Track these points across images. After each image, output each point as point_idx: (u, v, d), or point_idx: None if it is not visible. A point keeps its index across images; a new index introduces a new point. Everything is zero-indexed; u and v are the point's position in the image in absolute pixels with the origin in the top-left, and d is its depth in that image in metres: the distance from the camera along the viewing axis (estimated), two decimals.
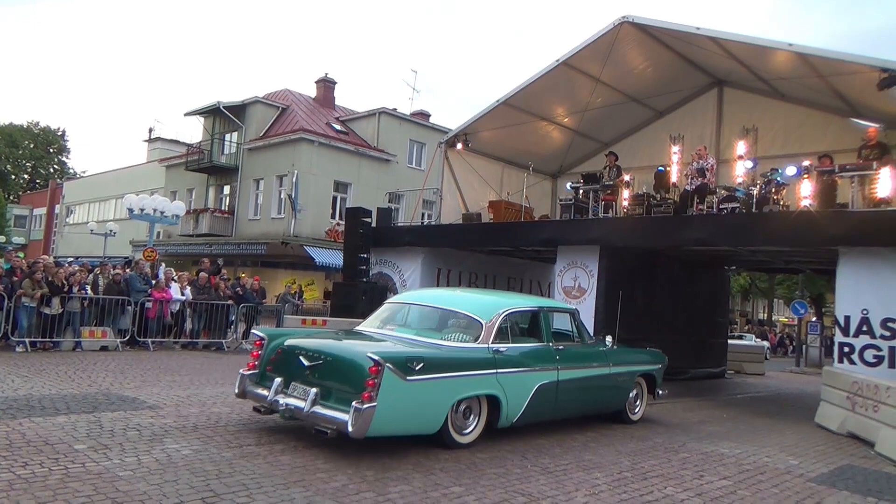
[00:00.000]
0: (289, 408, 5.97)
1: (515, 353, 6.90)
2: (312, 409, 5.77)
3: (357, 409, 5.43)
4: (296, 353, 6.32)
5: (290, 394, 6.10)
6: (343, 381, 5.90)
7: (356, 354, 6.01)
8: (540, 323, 7.48)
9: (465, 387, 6.31)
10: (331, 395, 5.85)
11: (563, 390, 7.31)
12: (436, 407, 6.06)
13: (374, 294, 16.33)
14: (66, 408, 6.95)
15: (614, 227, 13.39)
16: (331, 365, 6.07)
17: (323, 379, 6.00)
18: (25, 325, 11.72)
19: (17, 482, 4.48)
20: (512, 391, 6.68)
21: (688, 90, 16.80)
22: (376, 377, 5.49)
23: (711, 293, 17.42)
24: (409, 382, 5.72)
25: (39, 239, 50.15)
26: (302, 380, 6.10)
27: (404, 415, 5.87)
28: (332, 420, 5.66)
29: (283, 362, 6.47)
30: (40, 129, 64.80)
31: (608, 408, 8.39)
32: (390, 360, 5.62)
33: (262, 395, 6.32)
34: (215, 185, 32.86)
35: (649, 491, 5.50)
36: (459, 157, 17.59)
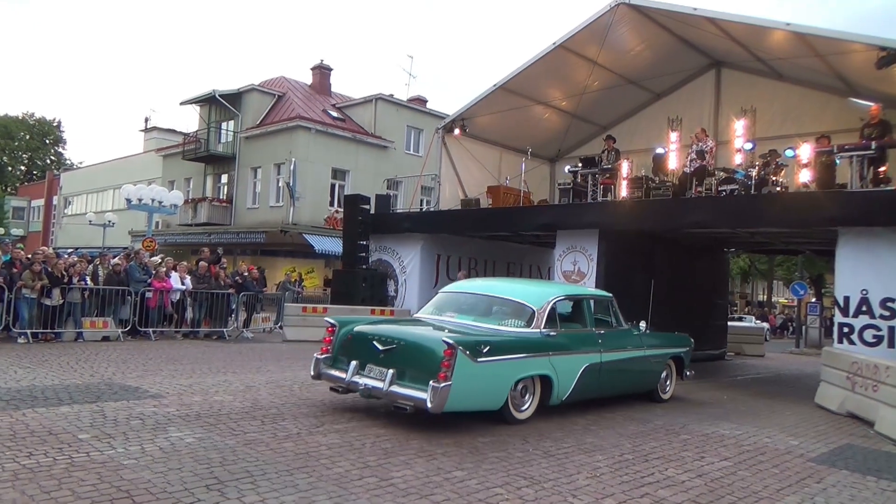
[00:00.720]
0: (367, 388, 6.63)
1: (564, 337, 7.55)
2: (390, 388, 6.44)
3: (434, 388, 6.06)
4: (369, 339, 6.96)
5: (367, 375, 6.76)
6: (418, 363, 6.49)
7: (429, 339, 6.65)
8: (583, 309, 8.18)
9: (523, 368, 6.96)
10: (405, 376, 6.49)
11: (606, 371, 7.94)
12: (499, 386, 6.71)
13: (373, 281, 16.39)
14: (69, 398, 6.98)
15: (613, 210, 13.39)
16: (404, 349, 6.70)
17: (397, 361, 6.61)
18: (26, 317, 11.73)
19: (22, 472, 4.50)
20: (562, 372, 7.33)
21: (685, 72, 16.72)
22: (450, 359, 6.12)
23: (711, 275, 17.44)
24: (478, 364, 6.37)
25: (38, 230, 50.06)
26: (377, 362, 6.73)
27: (473, 393, 6.48)
28: (410, 398, 6.28)
29: (355, 347, 7.11)
30: (35, 119, 64.43)
31: (643, 387, 9.01)
32: (462, 344, 6.26)
33: (339, 377, 7.01)
34: (213, 174, 32.75)
35: (650, 472, 5.54)
36: (457, 143, 17.54)
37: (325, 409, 7.18)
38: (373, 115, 30.39)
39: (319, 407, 7.31)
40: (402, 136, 30.95)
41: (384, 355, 6.71)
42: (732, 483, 5.42)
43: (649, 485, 5.20)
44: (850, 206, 10.16)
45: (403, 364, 6.58)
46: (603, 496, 4.83)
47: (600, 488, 5.01)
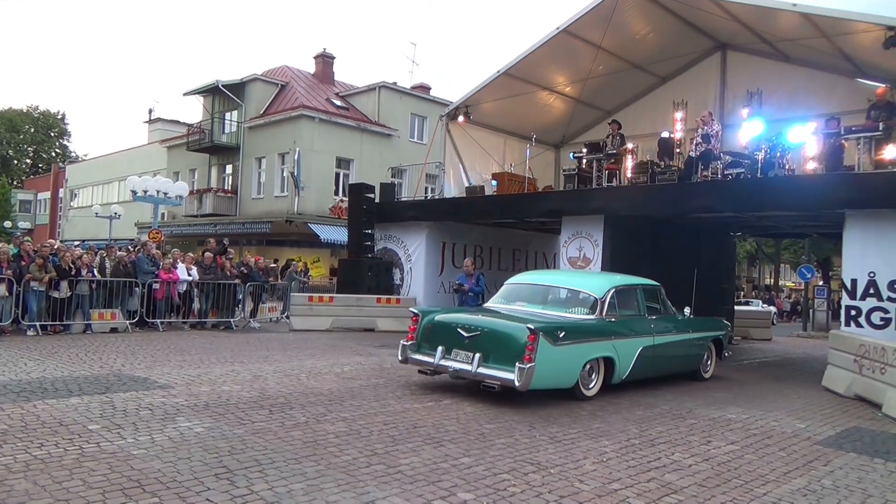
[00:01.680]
0: (455, 370, 7.48)
1: (622, 322, 8.32)
2: (478, 369, 7.23)
3: (521, 369, 6.87)
4: (453, 327, 7.77)
5: (454, 358, 7.57)
6: (502, 348, 7.24)
7: (512, 326, 7.42)
8: (636, 297, 8.85)
9: (591, 351, 7.76)
10: (490, 359, 7.27)
11: (657, 353, 8.71)
12: (572, 367, 7.53)
13: (379, 269, 16.41)
14: (78, 389, 7.04)
15: (618, 195, 13.34)
16: (489, 335, 7.45)
17: (482, 346, 7.38)
18: (35, 309, 11.83)
19: (34, 462, 4.55)
20: (622, 354, 8.11)
21: (690, 55, 16.58)
22: (533, 344, 6.91)
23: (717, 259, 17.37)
24: (556, 348, 7.19)
25: (45, 223, 50.30)
26: (462, 347, 7.54)
27: (551, 373, 7.25)
28: (497, 378, 7.11)
29: (439, 334, 7.91)
30: (40, 112, 64.54)
31: (688, 367, 9.78)
32: (543, 330, 7.04)
33: (426, 361, 7.85)
34: (217, 164, 32.77)
35: (657, 457, 5.56)
36: (461, 130, 17.47)
37: (331, 398, 7.22)
38: (376, 104, 30.30)
39: (327, 395, 7.35)
40: (406, 124, 30.86)
41: (469, 341, 7.50)
42: (739, 467, 5.43)
43: (656, 469, 5.22)
44: (858, 189, 10.08)
45: (488, 348, 7.34)
46: (610, 481, 4.85)
47: (607, 473, 5.03)
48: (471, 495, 4.38)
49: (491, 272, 17.29)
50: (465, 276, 11.99)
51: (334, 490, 4.33)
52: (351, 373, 9.05)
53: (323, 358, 10.42)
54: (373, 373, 9.14)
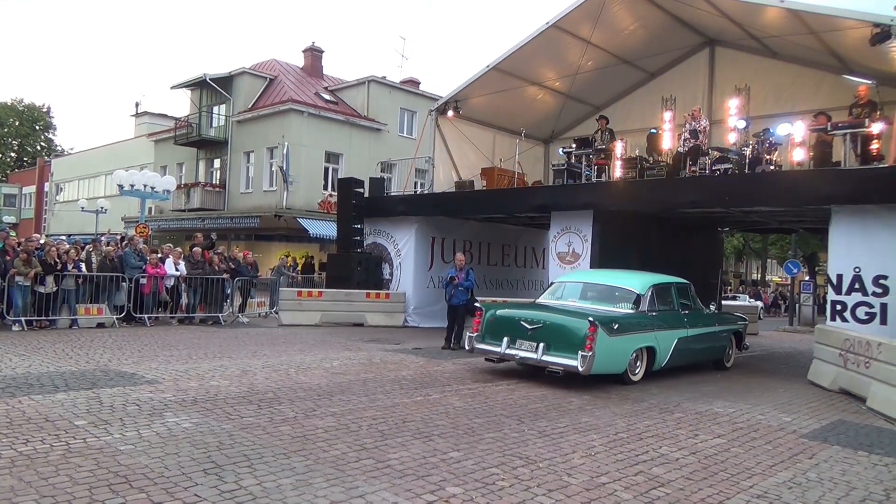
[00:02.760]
0: (521, 357, 8.56)
1: (662, 316, 9.31)
2: (542, 357, 8.23)
3: (584, 356, 7.89)
4: (516, 320, 8.74)
5: (519, 348, 8.57)
6: (564, 338, 8.23)
7: (572, 320, 8.42)
8: (671, 293, 9.80)
9: (638, 341, 8.73)
10: (552, 348, 8.25)
11: (690, 344, 9.67)
12: (623, 355, 8.49)
13: (368, 264, 16.38)
14: (64, 385, 6.98)
15: (607, 191, 13.38)
16: (551, 327, 8.43)
17: (545, 337, 8.36)
18: (20, 304, 11.70)
19: (20, 459, 4.52)
20: (662, 344, 9.09)
21: (679, 50, 16.62)
22: (594, 334, 7.88)
23: (705, 254, 17.48)
24: (611, 338, 8.16)
25: (31, 217, 49.78)
26: (526, 338, 8.51)
27: (607, 360, 8.16)
28: (561, 364, 8.10)
29: (502, 326, 8.87)
30: (24, 106, 63.65)
31: (714, 356, 10.77)
32: (601, 323, 8.04)
33: (493, 350, 8.87)
34: (205, 158, 32.54)
35: (644, 451, 5.59)
36: (451, 125, 17.44)
37: (321, 393, 7.21)
38: (366, 98, 30.20)
39: (315, 390, 7.34)
40: (396, 119, 30.78)
41: (532, 332, 8.47)
42: (726, 460, 5.47)
43: (643, 463, 5.25)
44: (844, 184, 10.16)
45: (550, 339, 8.31)
46: (598, 474, 4.88)
47: (595, 467, 5.06)
48: (459, 489, 4.39)
49: (480, 267, 17.30)
50: (455, 271, 11.99)
51: (323, 485, 4.32)
52: (340, 368, 9.04)
53: (312, 353, 10.40)
54: (362, 368, 9.14)
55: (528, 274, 20.03)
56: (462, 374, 9.01)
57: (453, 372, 9.20)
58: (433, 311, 15.68)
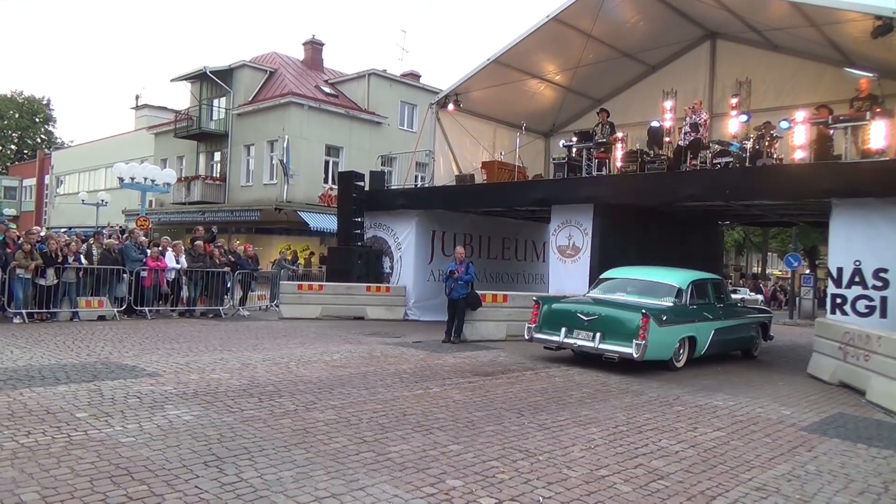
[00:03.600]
0: (578, 346, 9.47)
1: (700, 309, 10.20)
2: (599, 345, 9.13)
3: (638, 344, 8.78)
4: (573, 312, 9.62)
5: (575, 337, 9.47)
6: (618, 328, 9.10)
7: (626, 313, 9.27)
8: (707, 288, 10.62)
9: (682, 331, 9.63)
10: (607, 337, 9.12)
11: (725, 334, 10.55)
12: (670, 343, 9.37)
13: (369, 258, 16.39)
14: (66, 377, 7.00)
15: (608, 184, 13.37)
16: (606, 319, 9.29)
17: (600, 327, 9.21)
18: (21, 297, 11.72)
19: (21, 451, 4.53)
20: (702, 334, 9.98)
21: (680, 43, 16.57)
22: (646, 325, 8.75)
23: (706, 248, 17.48)
24: (661, 329, 9.02)
25: (31, 210, 49.75)
26: (582, 328, 9.39)
27: (657, 348, 9.02)
28: (617, 352, 9.00)
29: (559, 318, 9.76)
30: (25, 98, 63.58)
31: (744, 346, 11.66)
32: (652, 315, 8.88)
33: (551, 339, 9.78)
34: (205, 151, 32.49)
35: (644, 444, 5.61)
36: (451, 118, 17.42)
37: (321, 386, 7.23)
38: (366, 91, 30.13)
39: (316, 384, 7.35)
40: (396, 112, 30.72)
41: (588, 323, 9.33)
42: (725, 453, 5.49)
43: (643, 456, 5.27)
44: (844, 178, 10.15)
45: (605, 329, 9.17)
46: (597, 467, 4.90)
47: (595, 460, 5.08)
48: (459, 482, 4.41)
49: (480, 260, 17.32)
50: (455, 264, 11.99)
51: (324, 477, 4.34)
52: (340, 361, 9.06)
53: (312, 346, 10.42)
54: (362, 361, 9.15)
55: (529, 267, 20.04)
56: (462, 368, 9.03)
57: (454, 365, 9.22)
58: (433, 304, 15.70)
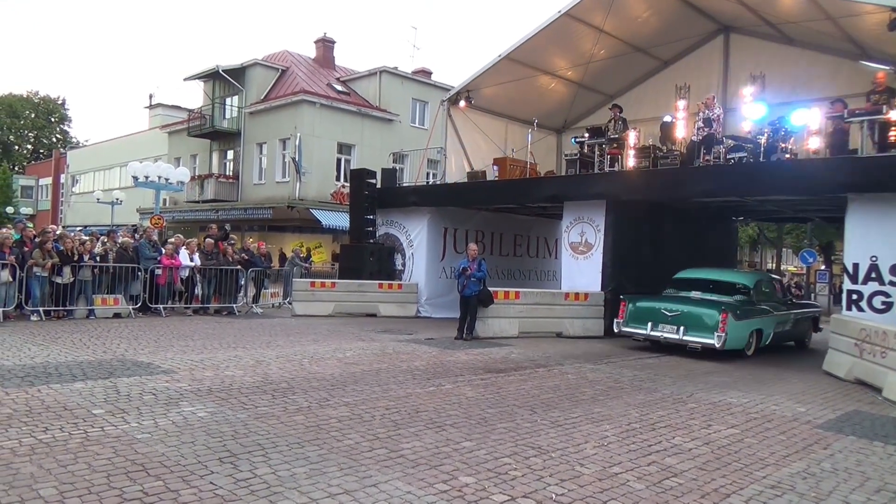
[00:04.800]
0: (664, 338, 10.79)
1: (765, 304, 11.61)
2: (683, 337, 10.58)
3: (719, 336, 10.23)
4: (657, 309, 11.05)
5: (661, 330, 10.87)
6: (700, 322, 10.53)
7: (706, 309, 10.64)
8: (771, 285, 12.43)
9: (753, 324, 11.01)
10: (690, 330, 10.55)
11: (784, 327, 12.05)
12: (744, 335, 10.76)
13: (381, 255, 16.42)
14: (82, 374, 7.08)
15: (620, 180, 13.31)
16: (688, 314, 10.70)
17: (683, 322, 10.65)
18: (38, 295, 11.85)
19: (39, 446, 4.59)
20: (766, 326, 11.38)
21: (693, 38, 16.46)
22: (726, 319, 10.23)
23: (720, 244, 17.39)
24: (737, 322, 10.45)
25: (47, 209, 50.28)
26: (667, 322, 10.83)
27: (734, 339, 10.40)
28: (700, 342, 10.42)
29: (645, 314, 11.17)
30: (40, 98, 64.23)
31: (799, 337, 13.15)
32: (730, 311, 10.42)
33: (639, 332, 11.20)
34: (218, 150, 32.68)
35: (657, 441, 5.59)
36: (463, 115, 17.40)
37: (334, 383, 7.26)
38: (377, 88, 30.16)
39: (329, 381, 7.39)
40: (408, 109, 30.73)
41: (672, 318, 10.78)
42: (739, 450, 5.46)
43: (656, 453, 5.25)
44: (860, 172, 10.04)
45: (688, 323, 10.60)
46: (610, 464, 4.89)
47: (608, 457, 5.07)
48: (472, 479, 4.42)
49: (492, 257, 17.30)
50: (467, 261, 11.99)
51: (337, 474, 4.36)
52: (353, 358, 9.10)
53: (325, 343, 10.46)
54: (375, 358, 9.18)
55: (541, 264, 20.00)
56: (475, 365, 9.03)
57: (466, 362, 9.23)
58: (445, 301, 15.71)
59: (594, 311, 12.95)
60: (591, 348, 11.33)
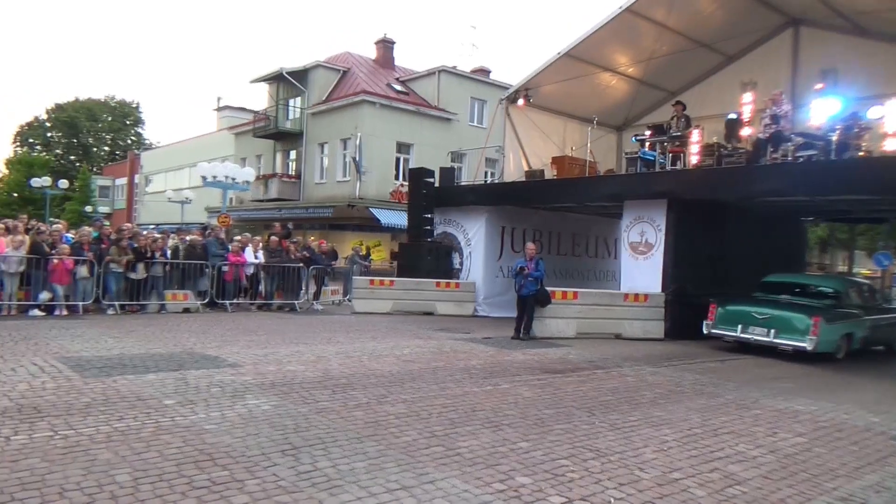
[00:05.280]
0: (755, 339, 10.97)
1: (856, 308, 11.72)
2: (774, 339, 10.71)
3: (811, 339, 10.33)
4: (748, 312, 11.17)
5: (751, 333, 11.02)
6: (791, 326, 10.66)
7: (797, 313, 10.78)
8: (861, 290, 12.61)
9: (843, 328, 11.09)
10: (781, 333, 10.67)
11: (875, 330, 12.06)
12: (834, 338, 10.84)
13: (439, 254, 16.52)
14: (154, 366, 7.42)
15: (683, 179, 12.99)
16: (780, 317, 10.84)
17: (775, 325, 10.79)
18: (114, 290, 12.49)
19: (115, 434, 4.85)
20: (857, 329, 11.43)
21: (760, 32, 15.90)
22: (817, 323, 10.36)
23: (787, 246, 16.73)
24: (828, 326, 10.58)
25: (123, 208, 52.64)
26: (757, 325, 10.99)
27: (825, 342, 10.51)
28: (792, 345, 10.53)
29: (735, 316, 11.31)
30: (117, 102, 67.48)
31: (887, 341, 12.95)
32: (822, 315, 10.57)
33: (729, 334, 11.36)
34: (282, 150, 33.54)
35: (720, 447, 5.45)
36: (521, 114, 17.32)
37: (392, 380, 7.37)
38: (436, 88, 30.33)
39: (387, 377, 7.51)
40: (466, 108, 30.79)
41: (763, 321, 10.94)
42: (807, 460, 5.27)
43: (719, 459, 5.13)
44: None
45: (780, 326, 10.74)
46: (671, 470, 4.80)
47: (668, 462, 4.98)
48: (528, 479, 4.42)
49: (550, 257, 17.15)
50: (525, 261, 11.94)
51: (395, 470, 4.44)
52: (411, 356, 9.20)
53: (384, 340, 10.62)
54: (432, 356, 9.27)
55: (600, 264, 19.72)
56: (532, 365, 9.01)
57: (523, 362, 9.21)
58: (503, 300, 15.69)
59: (654, 312, 12.69)
60: (651, 350, 11.12)
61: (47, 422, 5.06)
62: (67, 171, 55.56)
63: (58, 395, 5.87)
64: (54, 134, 65.27)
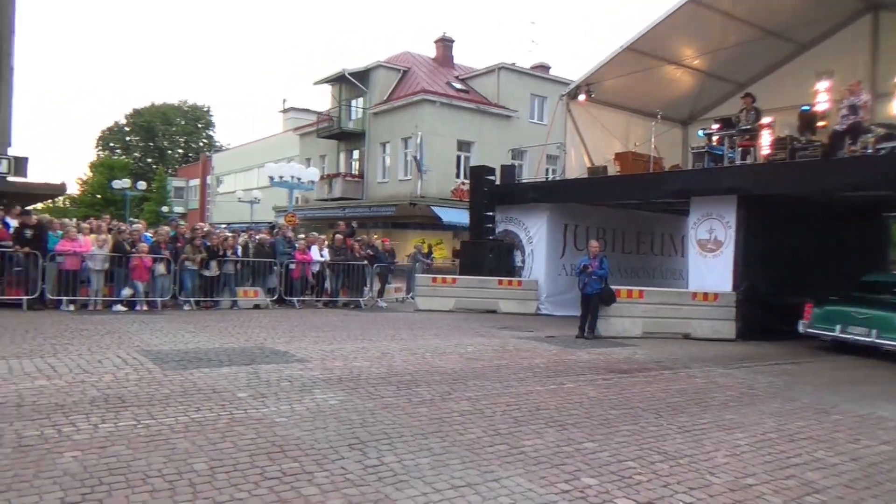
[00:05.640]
0: (854, 339, 10.71)
1: None
2: (877, 339, 10.38)
3: None
4: (847, 312, 10.96)
5: (850, 332, 10.76)
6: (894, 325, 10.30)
7: None
8: None
9: None
10: (884, 333, 10.34)
11: None
12: None
13: (500, 252, 16.50)
14: (228, 360, 7.71)
15: (753, 174, 12.52)
16: (882, 317, 10.54)
17: (876, 325, 10.48)
18: (190, 286, 13.06)
19: (192, 424, 5.07)
20: None
21: (836, 18, 15.17)
22: None
23: (867, 242, 15.88)
24: None
25: (196, 208, 54.75)
26: (857, 324, 10.74)
27: None
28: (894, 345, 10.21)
29: (834, 316, 11.09)
30: (189, 106, 70.30)
31: None
32: None
33: (826, 334, 11.16)
34: (345, 150, 34.17)
35: (797, 453, 5.25)
36: (582, 109, 17.09)
37: (455, 377, 7.42)
38: (496, 85, 30.25)
39: (451, 375, 7.56)
40: (526, 105, 30.59)
41: (863, 320, 10.68)
42: (893, 469, 5.01)
43: (795, 466, 4.93)
44: None
45: (882, 326, 10.42)
46: (744, 475, 4.65)
47: (741, 467, 4.83)
48: (595, 480, 4.38)
49: (614, 255, 16.87)
50: (588, 258, 11.78)
51: (459, 467, 4.47)
52: (474, 353, 9.23)
53: (447, 338, 10.69)
54: (495, 354, 9.27)
55: (666, 262, 19.25)
56: (597, 364, 8.89)
57: (588, 361, 9.10)
58: (566, 299, 15.52)
59: (724, 312, 12.29)
60: (721, 351, 10.78)
61: (131, 411, 5.34)
62: (145, 174, 58.37)
63: (140, 387, 6.18)
64: (132, 138, 68.57)
